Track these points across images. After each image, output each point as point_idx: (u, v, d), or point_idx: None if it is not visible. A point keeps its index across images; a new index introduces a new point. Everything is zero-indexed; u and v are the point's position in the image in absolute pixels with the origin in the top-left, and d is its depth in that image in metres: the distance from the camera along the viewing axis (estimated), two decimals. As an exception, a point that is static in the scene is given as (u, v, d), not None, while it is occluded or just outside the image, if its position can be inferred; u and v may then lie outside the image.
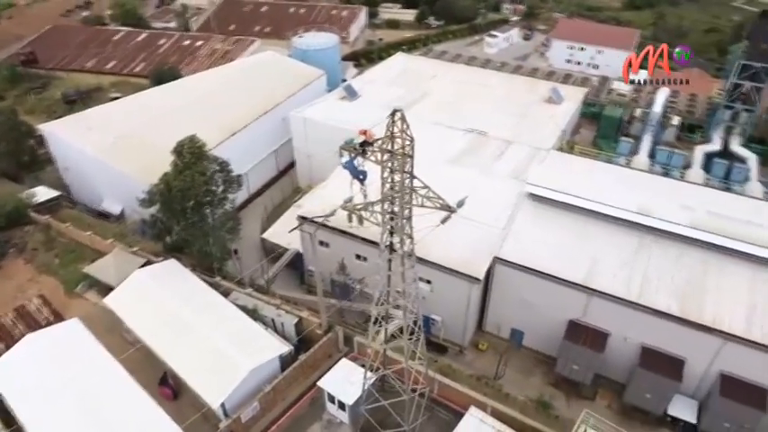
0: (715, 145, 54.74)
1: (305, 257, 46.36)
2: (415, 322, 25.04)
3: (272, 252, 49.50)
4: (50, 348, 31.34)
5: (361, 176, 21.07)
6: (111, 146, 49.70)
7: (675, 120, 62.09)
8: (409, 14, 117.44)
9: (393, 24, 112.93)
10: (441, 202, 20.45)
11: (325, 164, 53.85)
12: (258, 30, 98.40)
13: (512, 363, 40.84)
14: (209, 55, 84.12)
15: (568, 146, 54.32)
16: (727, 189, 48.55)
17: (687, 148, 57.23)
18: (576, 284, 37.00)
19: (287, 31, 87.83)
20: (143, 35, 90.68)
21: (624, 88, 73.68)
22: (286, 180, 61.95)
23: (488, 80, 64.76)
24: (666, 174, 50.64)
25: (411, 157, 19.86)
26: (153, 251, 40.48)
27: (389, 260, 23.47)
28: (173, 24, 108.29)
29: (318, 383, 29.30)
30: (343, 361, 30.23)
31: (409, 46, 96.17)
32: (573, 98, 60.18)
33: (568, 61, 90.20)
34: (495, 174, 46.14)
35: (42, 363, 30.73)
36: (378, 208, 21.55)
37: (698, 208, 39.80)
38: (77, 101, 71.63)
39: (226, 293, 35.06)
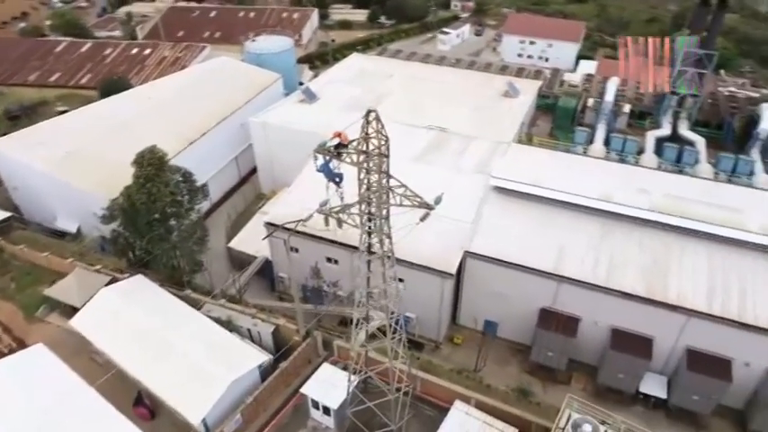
0: (665, 130, 56.98)
1: (274, 264, 45.80)
2: (396, 321, 25.09)
3: (239, 261, 48.70)
4: (16, 377, 29.86)
5: (337, 179, 20.95)
6: (62, 161, 47.72)
7: (626, 108, 64.29)
8: (361, 14, 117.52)
9: (345, 25, 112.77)
10: (418, 200, 20.54)
11: (288, 168, 53.37)
12: (208, 35, 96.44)
13: (488, 354, 41.41)
14: (159, 63, 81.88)
15: (527, 138, 55.51)
16: (680, 172, 50.58)
17: (639, 135, 59.33)
18: (546, 273, 37.89)
19: (237, 35, 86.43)
20: (87, 45, 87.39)
21: (575, 79, 75.95)
22: (248, 187, 61.01)
23: (445, 77, 65.49)
24: (622, 160, 52.42)
25: (387, 156, 19.89)
26: (117, 268, 39.13)
27: (368, 261, 23.41)
28: (117, 33, 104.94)
29: (301, 390, 28.98)
30: (325, 365, 29.98)
31: (363, 46, 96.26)
32: (528, 91, 61.51)
33: (520, 55, 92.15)
34: (459, 169, 46.65)
35: (10, 392, 29.24)
36: (355, 210, 21.47)
37: (655, 191, 41.37)
38: (21, 116, 68.41)
39: (198, 306, 34.23)
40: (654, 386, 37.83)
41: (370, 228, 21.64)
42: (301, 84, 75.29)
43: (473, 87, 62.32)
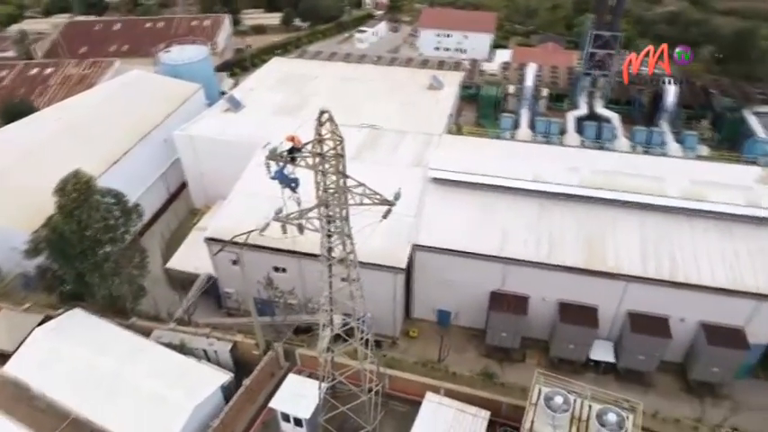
0: (582, 110, 60.12)
1: (219, 280, 44.26)
2: (364, 322, 24.94)
3: (179, 281, 46.68)
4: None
5: (293, 184, 20.48)
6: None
7: (544, 92, 67.22)
8: (274, 18, 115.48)
9: (259, 30, 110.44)
10: (378, 197, 20.49)
11: (221, 180, 51.72)
12: (114, 49, 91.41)
13: (436, 339, 42.00)
14: (64, 82, 76.59)
15: (456, 128, 56.79)
16: (601, 148, 53.58)
17: (559, 116, 62.22)
18: (492, 256, 38.95)
19: (148, 47, 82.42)
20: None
21: (493, 68, 78.52)
22: (179, 203, 58.53)
23: (370, 75, 65.74)
24: (548, 141, 54.80)
25: (343, 156, 19.69)
26: (48, 304, 36.33)
27: (330, 265, 23.11)
28: (11, 54, 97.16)
29: (270, 404, 28.19)
30: (290, 377, 29.31)
31: (281, 50, 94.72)
32: (452, 83, 62.90)
33: (437, 48, 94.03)
34: (396, 164, 46.96)
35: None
36: (314, 213, 21.11)
37: (583, 168, 43.54)
38: None
39: (146, 334, 32.43)
40: (602, 352, 39.90)
41: (330, 231, 21.33)
42: (222, 93, 73.20)
43: (398, 83, 62.95)
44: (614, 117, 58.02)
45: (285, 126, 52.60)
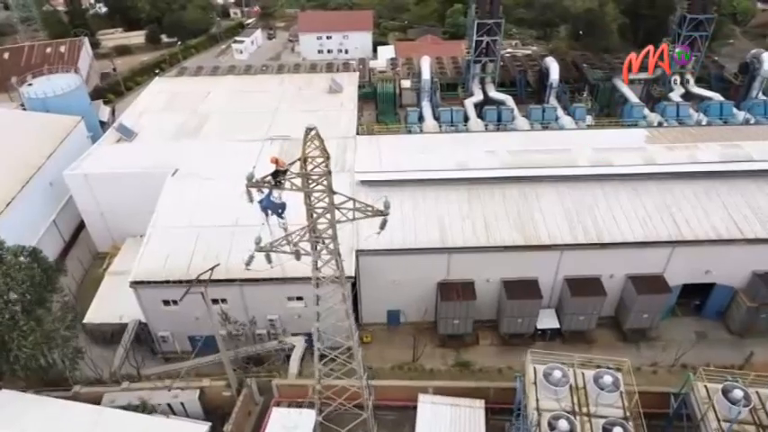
0: (478, 96, 62.90)
1: (151, 325, 40.64)
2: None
3: (100, 334, 42.25)
4: None
5: (280, 210, 19.16)
6: None
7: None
8: (137, 36, 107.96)
9: (123, 50, 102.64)
10: (370, 209, 19.85)
11: (127, 217, 47.83)
12: (-45, 89, 79.96)
13: (396, 342, 42.07)
14: None
15: (368, 128, 56.86)
16: (504, 130, 56.48)
17: (456, 104, 64.55)
18: (436, 249, 39.63)
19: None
20: None
21: (381, 65, 79.66)
22: (79, 249, 52.80)
23: (264, 85, 63.63)
24: (455, 130, 56.66)
25: (330, 173, 18.84)
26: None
27: (318, 285, 22.10)
28: None
29: (263, 445, 26.41)
30: (275, 411, 27.64)
31: (155, 69, 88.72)
32: (350, 83, 62.79)
33: (320, 51, 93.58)
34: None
35: None
36: (298, 236, 19.99)
37: (498, 150, 45.72)
38: None
39: (95, 401, 28.79)
40: (547, 320, 42.26)
41: (319, 251, 20.35)
42: (102, 122, 67.26)
43: (297, 90, 61.66)
44: (508, 99, 61.45)
45: (190, 150, 49.73)
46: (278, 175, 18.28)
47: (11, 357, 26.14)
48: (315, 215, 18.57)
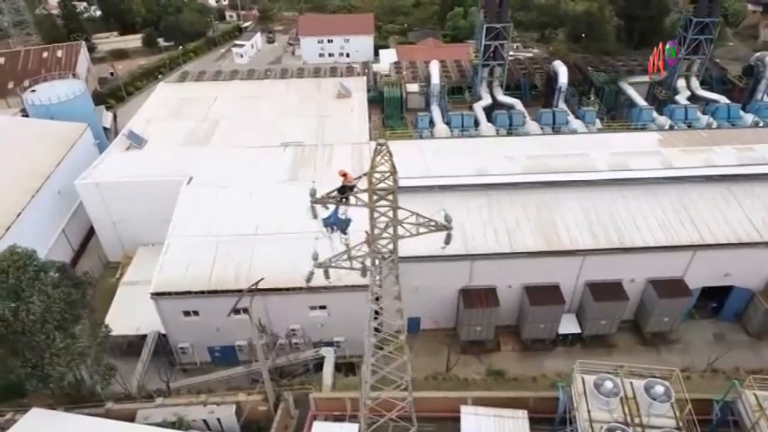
0: (486, 100, 62.85)
1: (170, 336, 40.03)
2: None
3: (117, 347, 41.48)
4: None
5: (344, 226, 18.81)
6: None
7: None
8: (134, 40, 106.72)
9: (120, 54, 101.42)
10: (434, 224, 19.57)
11: (140, 227, 47.22)
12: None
13: (418, 351, 41.75)
14: None
15: (381, 134, 56.54)
16: (515, 134, 56.45)
17: (463, 109, 64.44)
18: (460, 255, 39.40)
19: (-1, 88, 72.16)
20: None
21: (384, 69, 79.36)
22: (89, 259, 52.00)
23: (272, 89, 63.11)
24: (466, 135, 56.49)
25: (398, 188, 18.56)
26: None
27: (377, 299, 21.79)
28: None
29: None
30: (316, 425, 27.22)
31: (156, 73, 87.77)
32: (359, 88, 62.49)
33: (321, 55, 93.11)
34: (337, 180, 45.63)
35: None
36: (361, 251, 19.68)
37: (517, 156, 45.69)
38: None
39: (129, 418, 28.21)
40: (568, 325, 42.24)
41: (381, 267, 20.06)
42: (106, 129, 66.37)
43: (306, 95, 61.23)
44: (517, 103, 61.47)
45: (203, 157, 49.09)
46: (345, 191, 17.86)
47: (43, 375, 25.51)
48: (378, 230, 18.24)
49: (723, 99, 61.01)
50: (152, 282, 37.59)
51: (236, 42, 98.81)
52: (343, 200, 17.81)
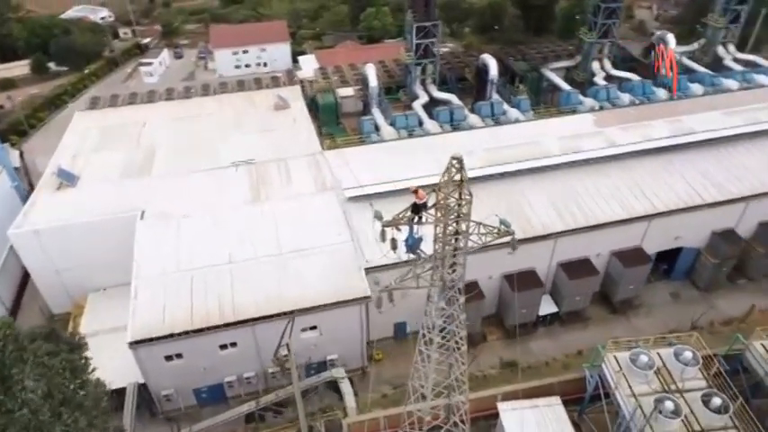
0: (423, 97, 63.54)
1: (151, 384, 37.02)
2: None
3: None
4: None
5: (418, 245, 18.09)
6: None
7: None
8: (20, 67, 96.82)
9: (7, 84, 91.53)
10: (496, 231, 19.43)
11: (89, 271, 43.46)
12: None
13: (411, 355, 41.63)
14: None
15: (332, 143, 55.48)
16: (458, 129, 57.58)
17: (401, 108, 64.86)
18: (442, 255, 39.72)
19: None
20: None
21: (309, 76, 77.92)
22: (26, 315, 46.76)
23: (204, 108, 59.78)
24: (410, 134, 56.84)
25: (471, 201, 18.23)
26: None
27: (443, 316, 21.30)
28: None
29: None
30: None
31: (59, 102, 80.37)
32: (295, 97, 60.97)
33: (237, 66, 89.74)
34: (301, 195, 44.45)
35: None
36: (426, 267, 19.17)
37: (475, 150, 46.69)
38: None
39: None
40: (546, 306, 44.07)
41: (448, 281, 19.65)
42: (16, 168, 59.81)
43: (242, 110, 58.73)
44: (452, 98, 62.72)
45: (148, 188, 45.64)
46: (419, 209, 17.27)
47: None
48: (447, 246, 17.91)
49: (635, 77, 65.96)
50: (127, 330, 34.53)
51: (143, 61, 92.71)
52: (417, 218, 17.18)
